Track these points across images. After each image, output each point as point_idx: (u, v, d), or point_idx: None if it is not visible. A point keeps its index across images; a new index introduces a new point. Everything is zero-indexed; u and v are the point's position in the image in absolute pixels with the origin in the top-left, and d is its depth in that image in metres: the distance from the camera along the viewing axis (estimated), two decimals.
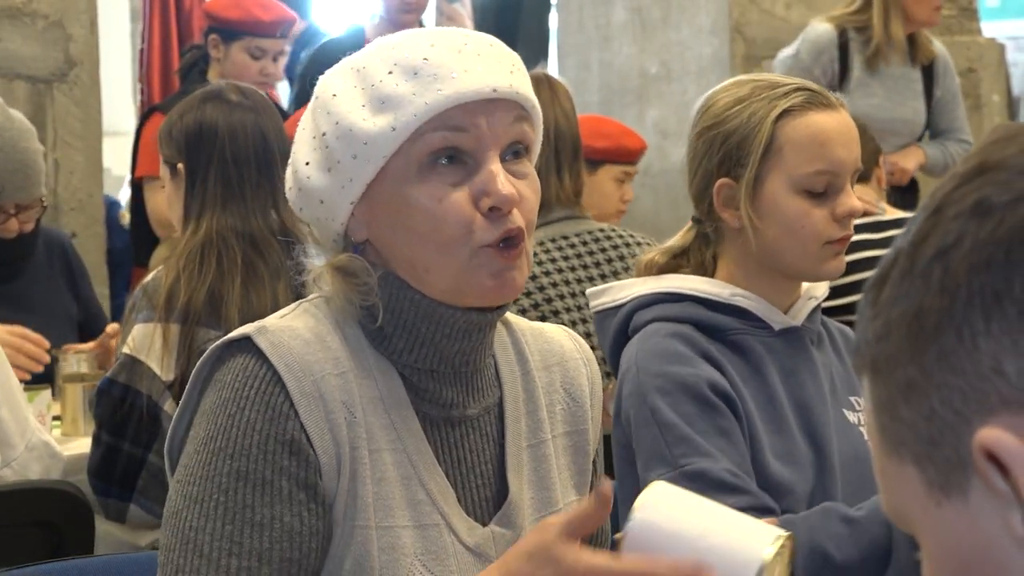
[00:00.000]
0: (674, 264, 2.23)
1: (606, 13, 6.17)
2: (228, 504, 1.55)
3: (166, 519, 1.59)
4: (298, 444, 1.57)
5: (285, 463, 1.56)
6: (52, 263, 3.89)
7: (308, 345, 1.60)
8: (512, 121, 1.62)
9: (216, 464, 1.57)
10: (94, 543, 2.69)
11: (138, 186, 4.85)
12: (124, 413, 2.81)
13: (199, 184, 2.90)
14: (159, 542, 1.60)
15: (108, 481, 2.85)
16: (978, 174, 0.80)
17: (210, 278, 2.81)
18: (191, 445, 1.61)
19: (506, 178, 1.60)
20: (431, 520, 1.63)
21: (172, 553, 1.56)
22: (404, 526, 1.61)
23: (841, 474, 2.14)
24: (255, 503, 1.55)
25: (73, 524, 2.64)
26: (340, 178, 1.62)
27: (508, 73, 1.62)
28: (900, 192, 4.80)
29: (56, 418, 3.27)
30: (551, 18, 7.45)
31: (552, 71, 6.01)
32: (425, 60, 1.60)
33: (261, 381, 1.58)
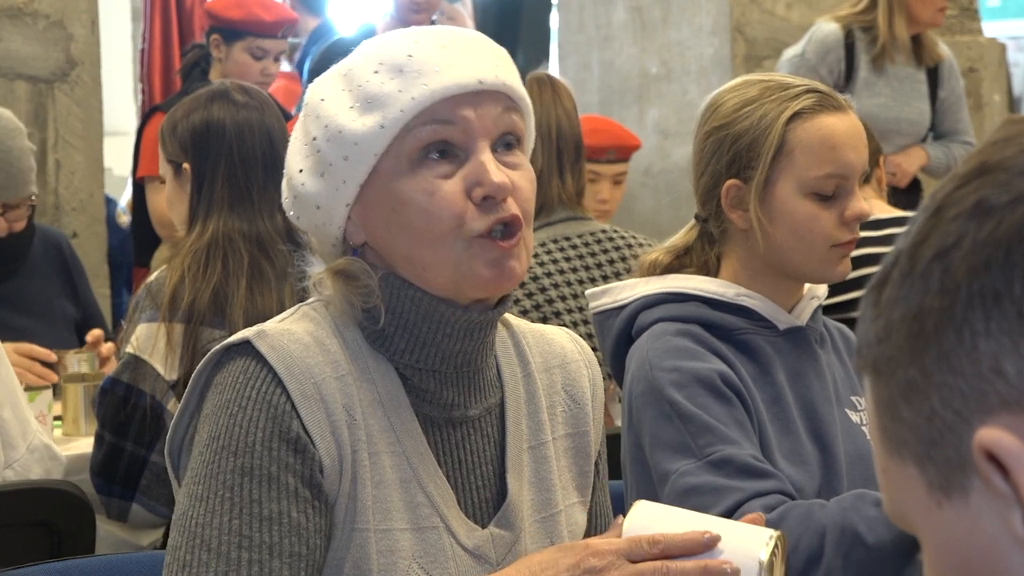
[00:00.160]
0: (677, 264, 2.23)
1: (607, 13, 6.17)
2: (235, 500, 1.55)
3: (174, 522, 1.59)
4: (302, 442, 1.57)
5: (290, 460, 1.56)
6: (49, 263, 3.87)
7: (307, 348, 1.60)
8: (501, 112, 1.63)
9: (220, 462, 1.57)
10: (95, 543, 2.68)
11: (139, 186, 4.85)
12: (127, 412, 2.81)
13: (206, 185, 2.87)
14: (167, 546, 1.60)
15: (111, 480, 2.84)
16: (978, 175, 0.80)
17: (215, 279, 2.79)
18: (195, 448, 1.60)
19: (498, 167, 1.61)
20: (430, 523, 1.62)
21: (179, 551, 1.55)
22: (402, 529, 1.61)
23: (847, 474, 2.14)
24: (262, 498, 1.55)
25: (74, 524, 2.63)
26: (334, 181, 1.63)
27: (494, 66, 1.63)
28: (902, 192, 4.80)
29: (57, 418, 3.27)
30: (552, 18, 7.44)
31: (552, 71, 6.01)
32: (409, 57, 1.61)
33: (262, 382, 1.58)
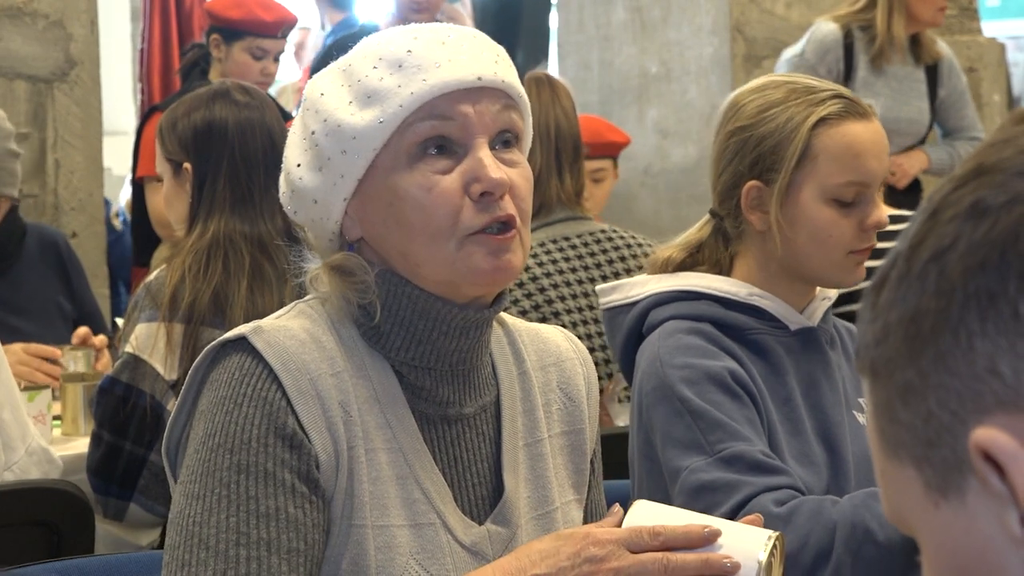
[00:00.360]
0: (689, 261, 2.23)
1: (606, 13, 6.17)
2: (231, 497, 1.55)
3: (171, 520, 1.59)
4: (298, 438, 1.57)
5: (286, 456, 1.56)
6: (46, 261, 3.85)
7: (303, 345, 1.60)
8: (499, 109, 1.63)
9: (216, 460, 1.57)
10: (94, 543, 2.68)
11: (139, 186, 4.84)
12: (127, 412, 2.80)
13: (207, 184, 2.86)
14: (165, 545, 1.60)
15: (108, 480, 2.84)
16: (974, 176, 0.80)
17: (216, 279, 2.78)
18: (191, 446, 1.60)
19: (496, 164, 1.61)
20: (427, 519, 1.63)
21: (177, 550, 1.55)
22: (400, 525, 1.61)
23: (854, 475, 2.14)
24: (259, 494, 1.55)
25: (73, 524, 2.63)
26: (332, 175, 1.63)
27: (493, 62, 1.63)
28: (902, 193, 4.80)
29: (56, 418, 3.27)
30: (551, 17, 7.44)
31: (552, 71, 6.01)
32: (409, 52, 1.61)
33: (257, 378, 1.58)
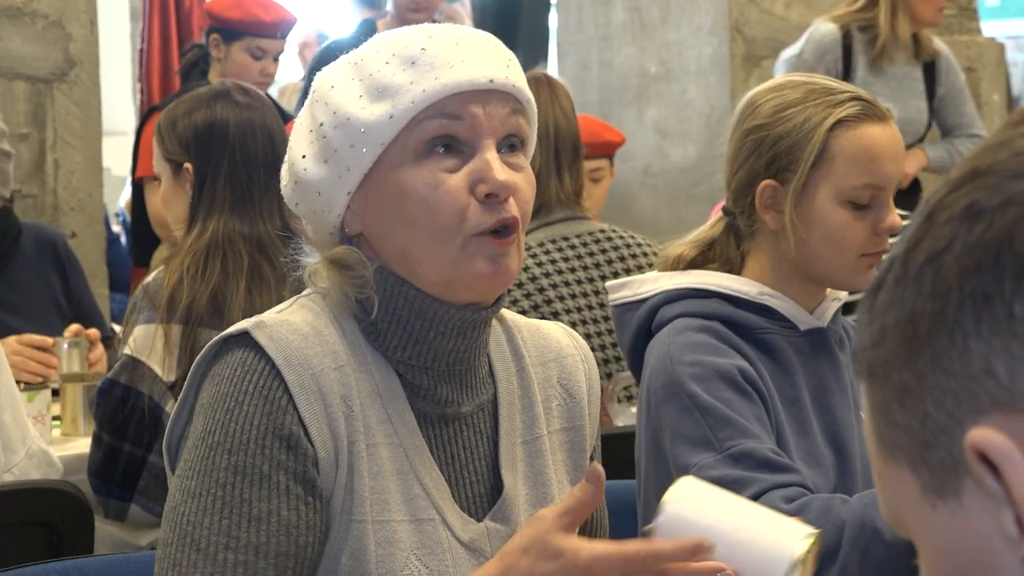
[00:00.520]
0: (701, 259, 2.23)
1: (605, 13, 6.17)
2: (226, 499, 1.56)
3: (166, 513, 1.60)
4: (296, 438, 1.57)
5: (282, 457, 1.57)
6: (43, 261, 3.84)
7: (306, 339, 1.61)
8: (508, 113, 1.64)
9: (214, 459, 1.57)
10: (93, 543, 2.68)
11: (139, 186, 4.84)
12: (126, 414, 2.80)
13: (208, 185, 2.85)
14: (159, 536, 1.61)
15: (108, 481, 2.84)
16: (970, 179, 0.80)
17: (214, 280, 2.77)
18: (190, 440, 1.61)
19: (502, 166, 1.62)
20: (427, 515, 1.63)
21: (170, 548, 1.57)
22: (400, 520, 1.61)
23: (861, 477, 2.13)
24: (252, 497, 1.56)
25: (72, 524, 2.63)
26: (338, 168, 1.63)
27: (504, 66, 1.64)
28: (902, 194, 4.80)
29: (56, 418, 3.27)
30: (550, 18, 7.44)
31: (551, 71, 6.01)
32: (423, 50, 1.61)
33: (259, 375, 1.58)
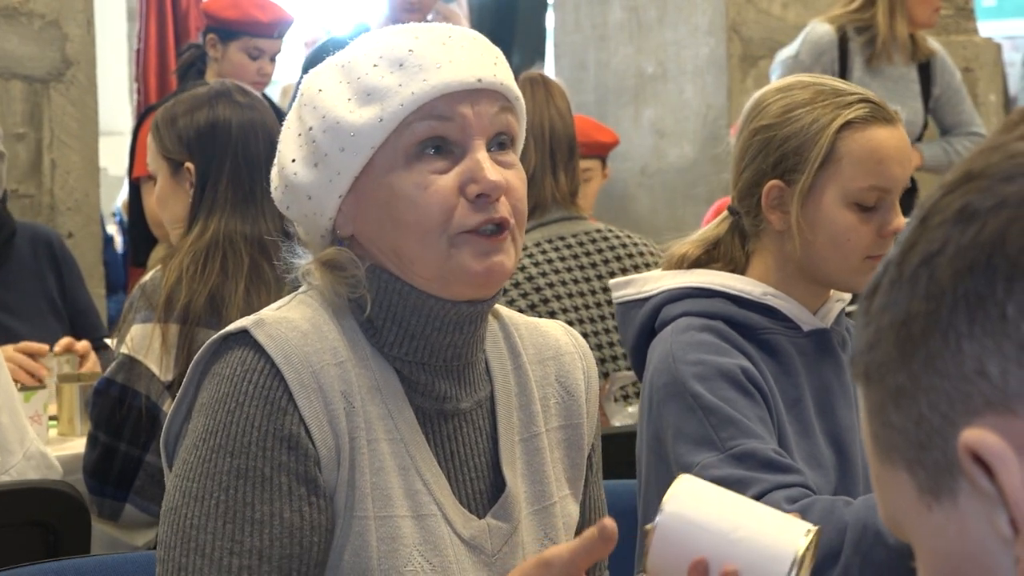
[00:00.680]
0: (705, 258, 2.23)
1: (602, 13, 6.18)
2: (228, 503, 1.56)
3: (165, 513, 1.60)
4: (297, 438, 1.57)
5: (284, 459, 1.57)
6: (38, 261, 3.81)
7: (305, 336, 1.61)
8: (497, 112, 1.64)
9: (216, 461, 1.57)
10: (90, 543, 2.68)
11: (136, 186, 4.84)
12: (122, 414, 2.79)
13: (209, 184, 2.83)
14: (158, 536, 1.61)
15: (104, 481, 2.83)
16: (964, 182, 0.81)
17: (213, 280, 2.76)
18: (189, 439, 1.61)
19: (493, 166, 1.62)
20: (428, 511, 1.63)
21: (173, 551, 1.57)
22: (403, 516, 1.61)
23: (862, 478, 2.13)
24: (255, 501, 1.56)
25: (69, 524, 2.63)
26: (328, 172, 1.63)
27: (492, 64, 1.64)
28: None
29: (52, 418, 3.27)
30: (547, 18, 7.45)
31: (548, 71, 6.01)
32: (410, 52, 1.61)
33: (259, 375, 1.58)
